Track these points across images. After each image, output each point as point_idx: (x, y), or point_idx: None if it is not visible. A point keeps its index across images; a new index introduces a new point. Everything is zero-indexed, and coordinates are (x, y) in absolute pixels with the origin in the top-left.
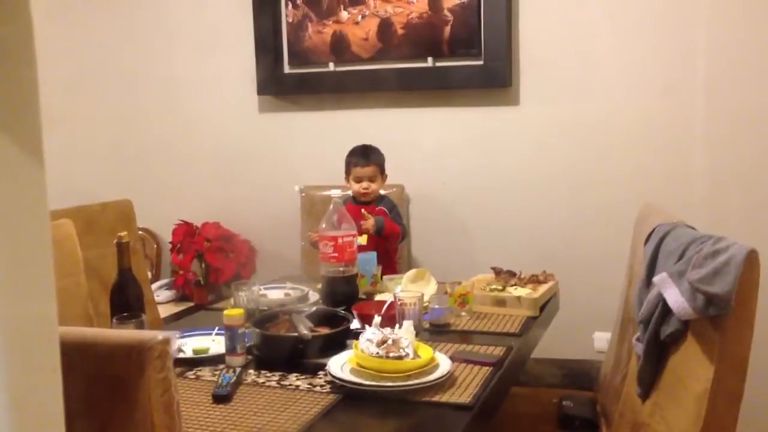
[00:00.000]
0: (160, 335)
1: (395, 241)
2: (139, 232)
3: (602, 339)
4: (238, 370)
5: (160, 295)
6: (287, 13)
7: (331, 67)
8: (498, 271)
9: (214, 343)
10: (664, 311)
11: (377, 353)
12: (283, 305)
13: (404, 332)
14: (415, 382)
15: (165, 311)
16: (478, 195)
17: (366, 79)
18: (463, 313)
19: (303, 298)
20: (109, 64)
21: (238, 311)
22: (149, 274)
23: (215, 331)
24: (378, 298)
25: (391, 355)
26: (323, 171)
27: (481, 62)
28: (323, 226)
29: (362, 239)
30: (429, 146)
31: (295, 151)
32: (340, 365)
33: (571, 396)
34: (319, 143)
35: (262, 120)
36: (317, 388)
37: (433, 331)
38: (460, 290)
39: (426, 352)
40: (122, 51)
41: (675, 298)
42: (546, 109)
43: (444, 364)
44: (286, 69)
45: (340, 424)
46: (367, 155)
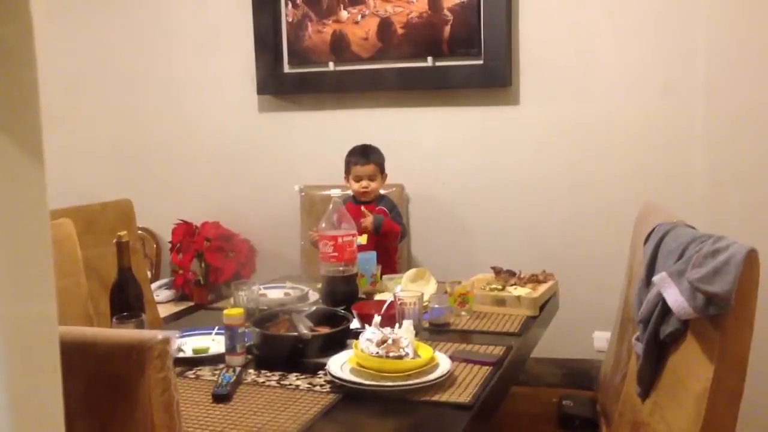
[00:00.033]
0: (159, 335)
1: (394, 240)
2: (139, 232)
3: (602, 338)
4: (238, 370)
5: (160, 295)
6: (287, 13)
7: (331, 66)
8: (498, 271)
9: (214, 343)
10: (663, 311)
11: (377, 353)
12: (283, 305)
13: (404, 332)
14: (415, 381)
15: (165, 311)
16: (478, 195)
17: (366, 78)
18: (463, 313)
19: (303, 298)
20: (109, 64)
21: (238, 311)
22: (149, 274)
23: (215, 331)
24: (378, 297)
25: (390, 354)
26: (323, 171)
27: (481, 62)
28: (323, 225)
29: (362, 239)
30: (429, 146)
31: (294, 150)
32: (340, 365)
33: (570, 395)
34: (319, 143)
35: (262, 120)
36: (317, 388)
37: (433, 331)
38: (460, 290)
39: (426, 351)
40: (122, 51)
41: (675, 298)
42: (546, 108)
43: (444, 364)
44: (286, 68)
45: (340, 423)
46: (367, 154)
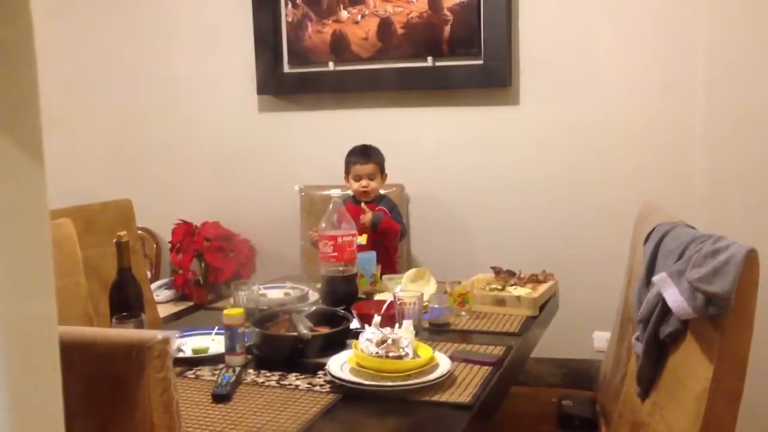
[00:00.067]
0: (159, 335)
1: (394, 239)
2: (139, 232)
3: (602, 338)
4: (238, 370)
5: (160, 295)
6: (287, 13)
7: (331, 66)
8: (498, 271)
9: (214, 343)
10: (663, 311)
11: (377, 353)
12: (283, 305)
13: (404, 332)
14: (415, 381)
15: (164, 311)
16: (478, 195)
17: (366, 78)
18: (463, 313)
19: (303, 298)
20: (109, 64)
21: (238, 311)
22: (149, 274)
23: (215, 331)
24: (377, 297)
25: (390, 354)
26: (323, 170)
27: (481, 62)
28: (323, 225)
29: (362, 239)
30: (429, 146)
31: (294, 150)
32: (340, 365)
33: (570, 395)
34: (318, 143)
35: (262, 120)
36: (317, 388)
37: (433, 331)
38: (460, 290)
39: (426, 351)
40: (122, 51)
41: (674, 298)
42: (546, 108)
43: (444, 364)
44: (286, 68)
45: (340, 423)
46: (367, 154)
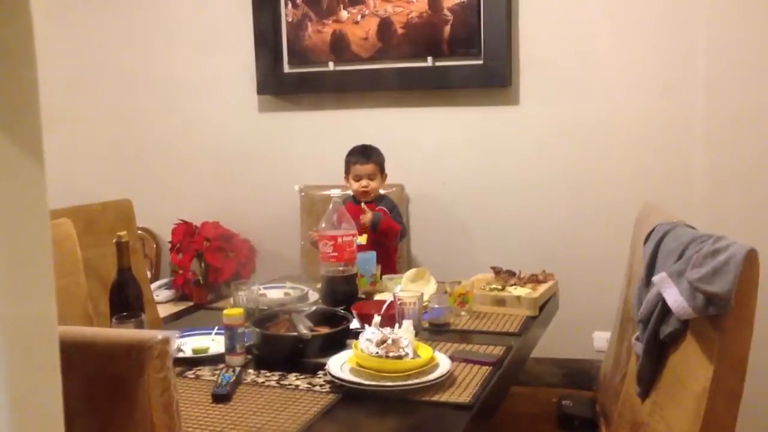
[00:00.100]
0: (159, 335)
1: (394, 239)
2: (139, 232)
3: (602, 338)
4: (238, 370)
5: (160, 295)
6: (287, 13)
7: (331, 66)
8: (498, 271)
9: (214, 343)
10: (663, 311)
11: (377, 353)
12: (283, 305)
13: (404, 332)
14: (415, 381)
15: (164, 311)
16: (478, 195)
17: (366, 78)
18: (463, 313)
19: (303, 298)
20: (109, 64)
21: (238, 311)
22: (149, 274)
23: (215, 331)
24: (377, 297)
25: (390, 354)
26: (323, 170)
27: (481, 62)
28: (323, 225)
29: (362, 239)
30: (429, 146)
31: (294, 150)
32: (340, 365)
33: (570, 395)
34: (318, 143)
35: (262, 120)
36: (317, 388)
37: (433, 331)
38: (460, 290)
39: (425, 351)
40: (122, 51)
41: (674, 298)
42: (546, 108)
43: (443, 364)
44: (286, 68)
45: (340, 423)
46: (367, 154)
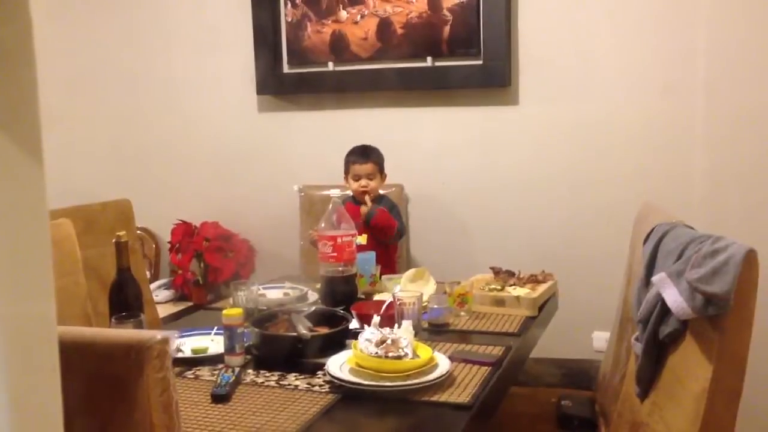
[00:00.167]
0: (158, 335)
1: (390, 235)
2: (138, 232)
3: (601, 338)
4: (237, 370)
5: (159, 295)
6: (286, 13)
7: (331, 66)
8: (497, 271)
9: (213, 343)
10: (662, 311)
11: (376, 353)
12: (282, 305)
13: (403, 332)
14: (414, 381)
15: (164, 311)
16: (478, 195)
17: (365, 78)
18: (462, 313)
19: (302, 298)
20: (109, 64)
21: (237, 311)
22: (148, 274)
23: (214, 331)
24: (377, 297)
25: (390, 354)
26: (322, 171)
27: (481, 62)
28: (322, 225)
29: (362, 239)
30: (428, 146)
31: (294, 150)
32: (339, 365)
33: (569, 395)
34: (318, 143)
35: (262, 120)
36: (316, 388)
37: (432, 331)
38: (459, 290)
39: (425, 351)
40: (122, 51)
41: (674, 298)
42: (545, 108)
43: (443, 364)
44: (286, 68)
45: (339, 423)
46: (367, 154)
